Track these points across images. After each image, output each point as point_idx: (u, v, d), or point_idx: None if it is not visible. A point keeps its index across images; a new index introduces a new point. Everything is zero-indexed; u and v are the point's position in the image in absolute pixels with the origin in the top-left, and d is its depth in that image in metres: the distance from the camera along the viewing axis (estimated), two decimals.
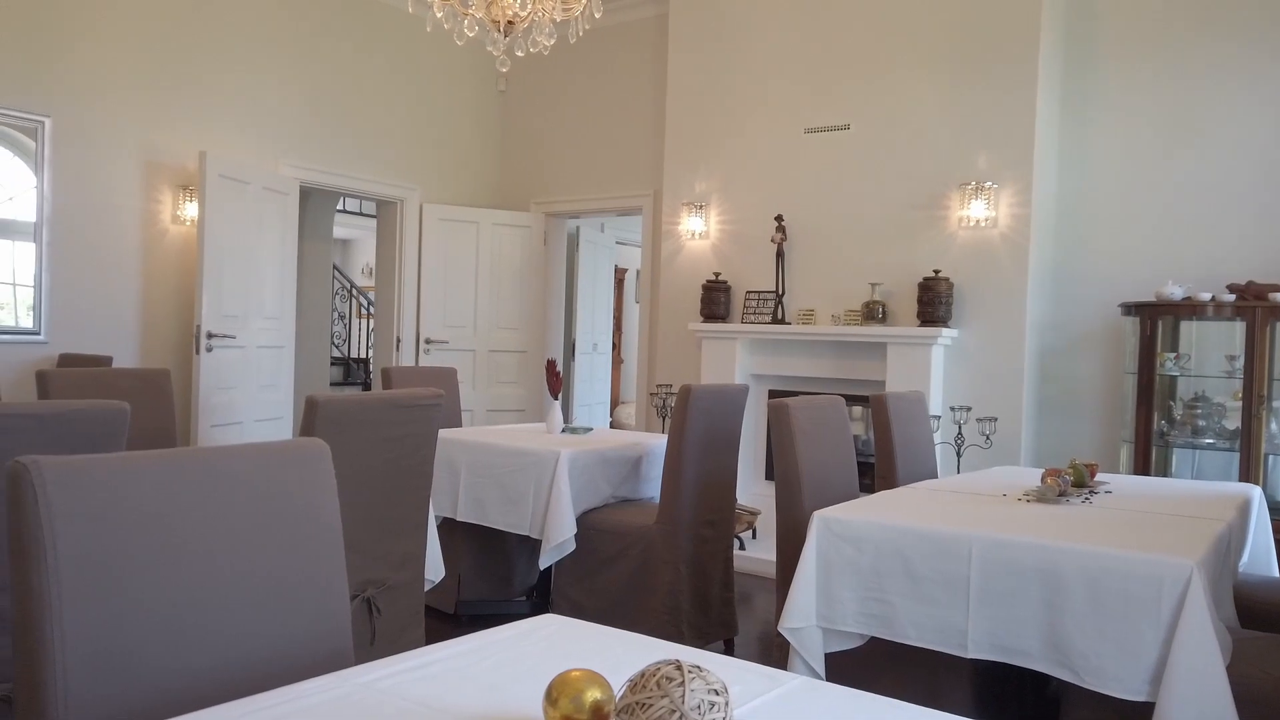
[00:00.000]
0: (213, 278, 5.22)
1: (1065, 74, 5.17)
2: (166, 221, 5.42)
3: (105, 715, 1.15)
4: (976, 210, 5.03)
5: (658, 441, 4.03)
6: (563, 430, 4.25)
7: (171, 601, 1.24)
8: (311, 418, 2.37)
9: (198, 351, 5.18)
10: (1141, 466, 4.52)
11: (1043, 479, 2.84)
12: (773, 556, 3.04)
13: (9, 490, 1.14)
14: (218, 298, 5.27)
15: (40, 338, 4.91)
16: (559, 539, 3.55)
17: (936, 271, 5.08)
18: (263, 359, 5.68)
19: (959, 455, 4.85)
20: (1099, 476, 3.16)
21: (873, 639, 2.41)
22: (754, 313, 5.77)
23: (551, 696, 1.03)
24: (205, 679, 1.26)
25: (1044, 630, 2.14)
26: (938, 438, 4.66)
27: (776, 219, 5.64)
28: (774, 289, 5.69)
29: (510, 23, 3.29)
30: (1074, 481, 2.91)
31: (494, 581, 4.14)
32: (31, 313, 4.92)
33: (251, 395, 5.58)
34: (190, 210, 5.42)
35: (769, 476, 5.59)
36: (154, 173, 5.35)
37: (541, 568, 3.74)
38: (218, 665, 1.28)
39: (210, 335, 5.21)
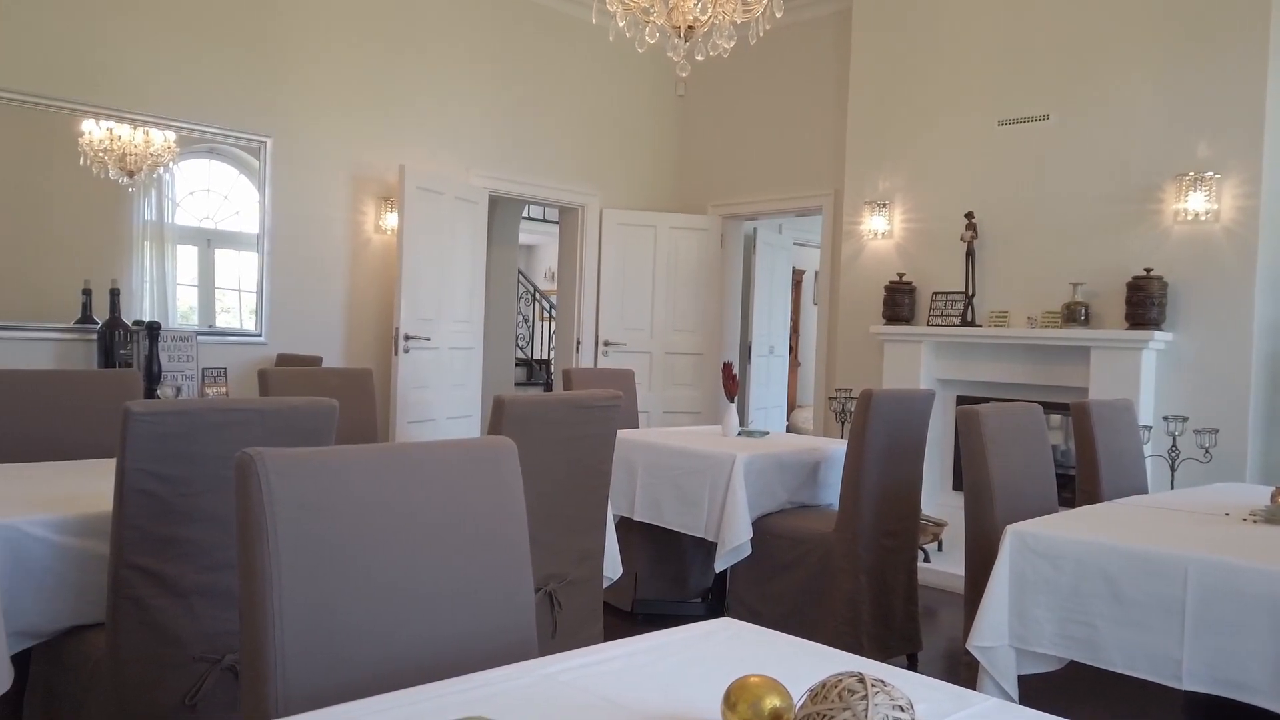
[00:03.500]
0: (410, 283, 5.55)
1: None
2: (370, 231, 5.83)
3: (315, 689, 1.24)
4: (1195, 203, 4.61)
5: (836, 447, 3.93)
6: (739, 433, 4.24)
7: (375, 585, 1.32)
8: (499, 417, 2.47)
9: (396, 352, 5.53)
10: None
11: (1273, 498, 2.58)
12: (960, 570, 2.90)
13: (237, 478, 1.25)
14: (414, 302, 5.60)
15: (261, 339, 5.39)
16: (735, 542, 3.53)
17: (1148, 270, 4.69)
18: (454, 360, 5.99)
19: (1173, 470, 4.45)
20: None
21: (1072, 663, 2.25)
22: (940, 314, 5.53)
23: (730, 701, 1.02)
24: (402, 662, 1.33)
25: (1273, 664, 1.93)
26: (1148, 450, 4.30)
27: (967, 216, 5.38)
28: (963, 289, 5.43)
29: (690, 28, 3.31)
30: None
31: (670, 582, 4.18)
32: (254, 316, 5.41)
33: (444, 394, 5.90)
34: (390, 220, 5.79)
35: (956, 487, 5.35)
36: (359, 186, 5.76)
37: (717, 570, 3.74)
38: (414, 649, 1.35)
39: (407, 337, 5.55)
